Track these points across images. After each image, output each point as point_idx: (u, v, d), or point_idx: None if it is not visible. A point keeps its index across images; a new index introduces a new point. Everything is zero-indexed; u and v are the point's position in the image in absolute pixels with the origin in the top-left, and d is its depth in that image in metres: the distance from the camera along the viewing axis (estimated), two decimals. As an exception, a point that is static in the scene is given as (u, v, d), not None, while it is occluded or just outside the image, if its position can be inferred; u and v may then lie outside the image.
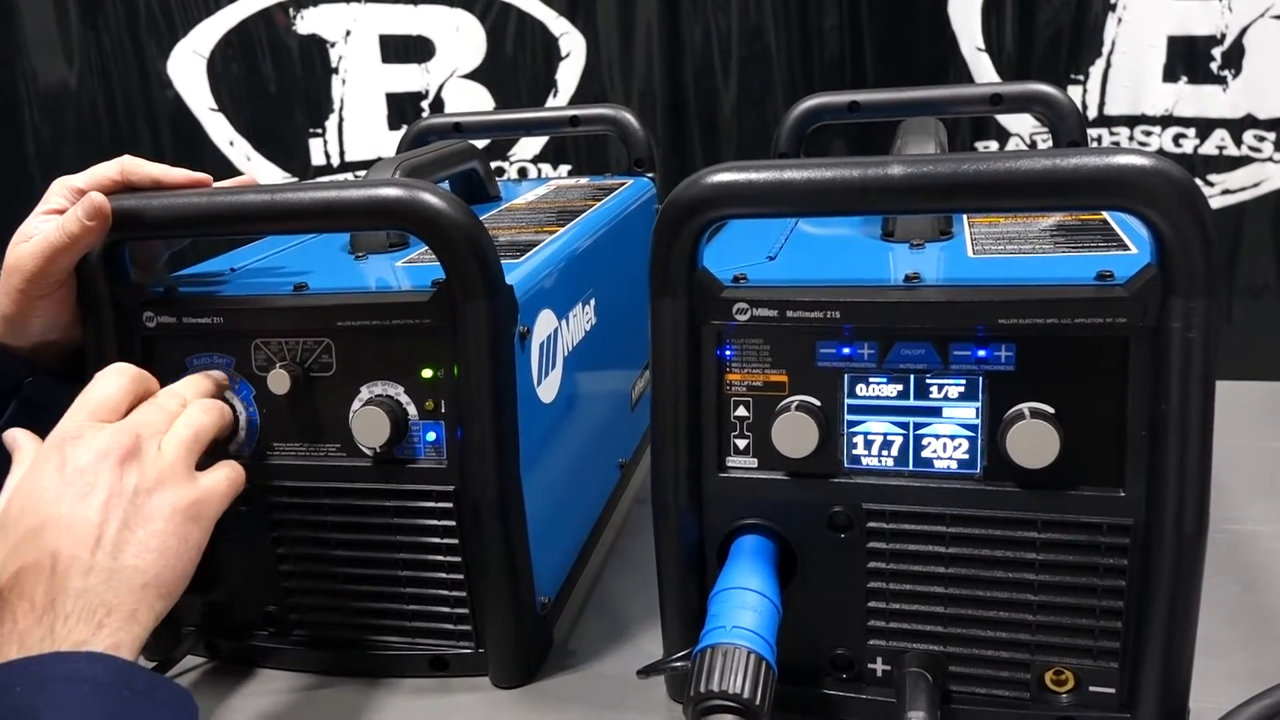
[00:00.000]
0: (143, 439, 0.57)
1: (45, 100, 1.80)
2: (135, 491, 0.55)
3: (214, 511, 0.59)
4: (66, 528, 0.53)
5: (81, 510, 0.53)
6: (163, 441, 0.58)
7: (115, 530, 0.53)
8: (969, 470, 0.57)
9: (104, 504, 0.54)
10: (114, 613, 0.51)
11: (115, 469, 0.55)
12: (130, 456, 0.56)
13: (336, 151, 1.83)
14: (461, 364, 0.63)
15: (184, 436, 0.59)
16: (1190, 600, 0.55)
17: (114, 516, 0.54)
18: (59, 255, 0.64)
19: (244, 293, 0.69)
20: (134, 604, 0.52)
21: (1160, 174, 0.49)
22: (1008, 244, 0.65)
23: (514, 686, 0.68)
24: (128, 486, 0.55)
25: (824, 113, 0.97)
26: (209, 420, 0.62)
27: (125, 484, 0.55)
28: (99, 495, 0.54)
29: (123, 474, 0.55)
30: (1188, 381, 0.52)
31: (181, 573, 0.55)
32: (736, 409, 0.60)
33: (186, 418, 0.61)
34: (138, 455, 0.56)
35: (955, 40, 1.62)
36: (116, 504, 0.54)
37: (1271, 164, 1.58)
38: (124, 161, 0.69)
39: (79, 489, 0.54)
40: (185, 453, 0.59)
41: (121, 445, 0.56)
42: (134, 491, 0.55)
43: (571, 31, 1.74)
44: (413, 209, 0.61)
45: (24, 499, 0.55)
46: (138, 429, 0.58)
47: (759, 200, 0.55)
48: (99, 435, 0.56)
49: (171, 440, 0.59)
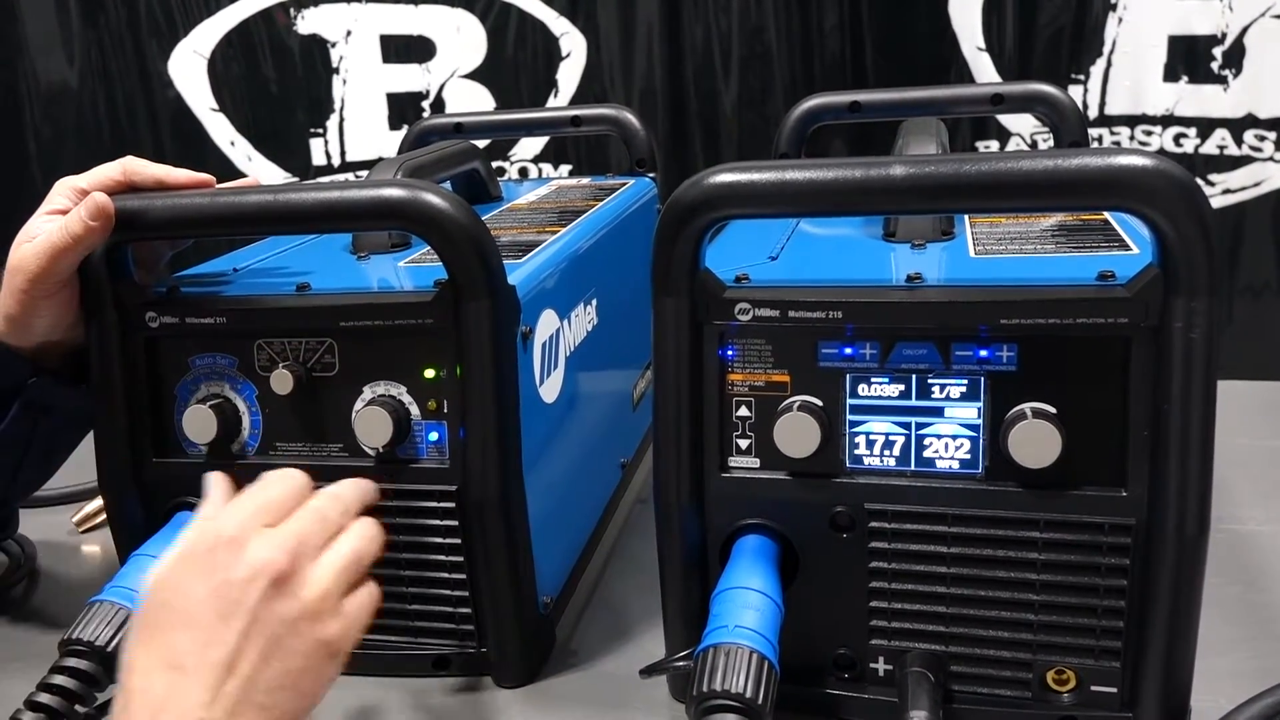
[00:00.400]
0: (300, 561, 0.51)
1: (46, 100, 1.80)
2: (280, 622, 0.49)
3: (352, 645, 0.53)
4: (203, 646, 0.48)
5: (222, 632, 0.48)
6: (320, 565, 0.52)
7: (252, 663, 0.48)
8: (971, 470, 0.57)
9: (245, 630, 0.48)
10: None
11: (266, 593, 0.49)
12: (284, 581, 0.50)
13: (337, 152, 1.83)
14: (464, 364, 0.63)
15: (342, 565, 0.53)
16: (1192, 600, 0.55)
17: (253, 647, 0.48)
18: (62, 255, 0.64)
19: (247, 293, 0.69)
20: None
21: (1162, 174, 0.50)
22: (1009, 244, 0.65)
23: (517, 686, 0.68)
24: (274, 615, 0.49)
25: (825, 113, 0.97)
26: (369, 550, 0.55)
27: (272, 612, 0.49)
28: (242, 619, 0.48)
29: (273, 600, 0.49)
30: (1190, 381, 0.52)
31: (306, 709, 0.50)
32: (738, 409, 0.60)
33: (350, 541, 0.54)
34: (290, 582, 0.51)
35: (956, 40, 1.62)
36: (259, 633, 0.49)
37: (1272, 164, 1.58)
38: (126, 162, 0.69)
39: (224, 606, 0.49)
40: (340, 583, 0.53)
41: (277, 568, 0.50)
42: (279, 622, 0.49)
43: (572, 31, 1.74)
44: (415, 209, 0.61)
45: (170, 592, 0.50)
46: (298, 549, 0.52)
47: (761, 201, 0.55)
48: (258, 548, 0.51)
49: (328, 566, 0.52)
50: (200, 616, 0.49)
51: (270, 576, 0.50)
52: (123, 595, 0.63)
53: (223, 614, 0.49)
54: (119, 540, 0.71)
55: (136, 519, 0.70)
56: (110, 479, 0.70)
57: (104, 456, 0.70)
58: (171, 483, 0.69)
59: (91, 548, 0.92)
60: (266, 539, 0.51)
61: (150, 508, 0.70)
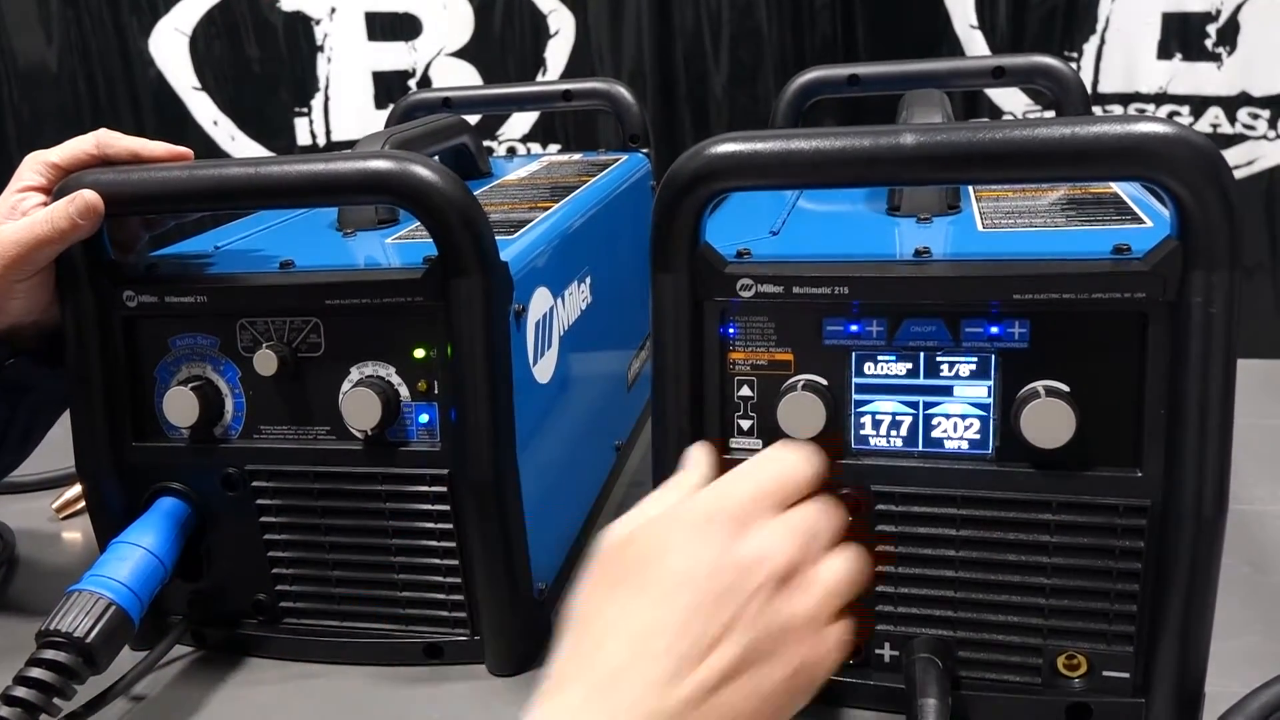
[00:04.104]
0: (806, 562, 0.46)
1: (24, 79, 1.77)
2: (768, 628, 0.43)
3: (821, 681, 0.46)
4: (683, 624, 0.42)
5: (707, 615, 0.42)
6: (824, 569, 0.47)
7: (728, 660, 0.42)
8: (981, 451, 0.56)
9: (732, 621, 0.43)
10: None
11: (765, 587, 0.44)
12: (787, 580, 0.45)
13: (322, 131, 1.80)
14: (455, 343, 0.61)
15: (836, 589, 0.47)
16: (1208, 583, 0.53)
17: (734, 643, 0.42)
18: (43, 246, 0.63)
19: (228, 270, 0.67)
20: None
21: (1183, 142, 0.48)
22: (1018, 218, 0.63)
23: (511, 675, 0.67)
24: (765, 618, 0.43)
25: (823, 86, 0.95)
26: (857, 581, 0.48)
27: (765, 614, 0.43)
28: (731, 608, 0.43)
29: (769, 600, 0.44)
30: (1208, 358, 0.51)
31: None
32: (740, 389, 0.58)
33: (847, 564, 0.48)
34: (793, 582, 0.45)
35: (949, 17, 1.61)
36: (745, 630, 0.43)
37: (1265, 142, 1.57)
38: (100, 135, 0.67)
39: (717, 588, 0.43)
40: (831, 606, 0.46)
41: (785, 561, 0.45)
42: (767, 627, 0.43)
43: (560, 9, 1.71)
44: (404, 182, 0.59)
45: (660, 552, 0.45)
46: (806, 545, 0.46)
47: (765, 171, 0.53)
48: (767, 536, 0.45)
49: (822, 585, 0.46)
50: (689, 591, 0.43)
51: (774, 569, 0.44)
52: (102, 584, 0.61)
53: (714, 596, 0.43)
54: (98, 527, 0.69)
55: (116, 505, 0.68)
56: (88, 464, 0.68)
57: (82, 441, 0.67)
58: (152, 467, 0.67)
59: (72, 534, 0.90)
60: (774, 527, 0.46)
61: (130, 493, 0.68)
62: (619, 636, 0.43)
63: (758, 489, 0.47)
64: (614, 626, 0.43)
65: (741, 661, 0.42)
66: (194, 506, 0.67)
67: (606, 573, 0.45)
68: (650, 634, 0.42)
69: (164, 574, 0.64)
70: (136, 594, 0.62)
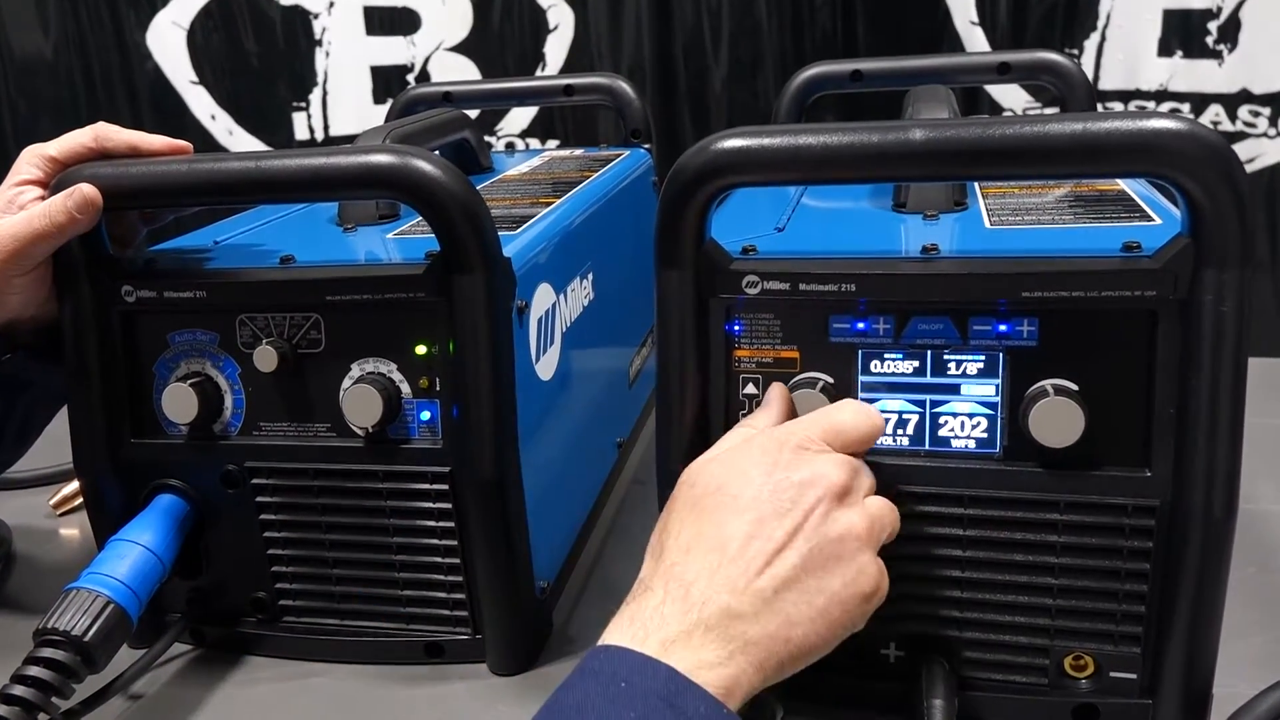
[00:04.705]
0: (858, 487, 0.51)
1: (21, 72, 1.76)
2: (825, 537, 0.48)
3: (874, 607, 0.50)
4: (750, 535, 0.47)
5: (772, 526, 0.48)
6: (873, 501, 0.52)
7: (791, 565, 0.47)
8: (988, 450, 0.55)
9: (795, 529, 0.48)
10: (746, 651, 0.45)
11: (823, 500, 0.49)
12: (842, 496, 0.50)
13: (320, 126, 1.80)
14: (457, 340, 0.61)
15: (881, 520, 0.51)
16: (1218, 584, 0.53)
17: (795, 550, 0.47)
18: (41, 242, 0.62)
19: (228, 265, 0.66)
20: (765, 654, 0.46)
21: (1196, 138, 0.47)
22: (1025, 215, 0.63)
23: (512, 673, 0.66)
24: (823, 529, 0.48)
25: (826, 82, 0.95)
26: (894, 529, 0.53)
27: (822, 526, 0.48)
28: (795, 518, 0.48)
29: (826, 514, 0.49)
30: (1219, 357, 0.50)
31: (819, 650, 0.48)
32: (745, 386, 0.58)
33: (889, 505, 0.52)
34: (848, 498, 0.50)
35: (949, 13, 1.60)
36: (807, 538, 0.48)
37: (1266, 140, 1.57)
38: (98, 128, 0.67)
39: (781, 503, 0.48)
40: (877, 536, 0.51)
41: (840, 480, 0.50)
42: (825, 536, 0.48)
43: (559, 4, 1.71)
44: (406, 176, 0.59)
45: (728, 477, 0.50)
46: (858, 473, 0.51)
47: (772, 167, 0.53)
48: (824, 461, 0.50)
49: (869, 513, 0.51)
50: (755, 506, 0.49)
51: (830, 486, 0.49)
52: (100, 582, 0.60)
53: (778, 509, 0.48)
54: (96, 524, 0.68)
55: (114, 502, 0.67)
56: (87, 461, 0.67)
57: (80, 438, 0.67)
58: (150, 464, 0.67)
59: (70, 531, 0.89)
60: (830, 455, 0.51)
61: (129, 490, 0.67)
62: (695, 549, 0.48)
63: (819, 429, 0.52)
64: (691, 542, 0.48)
65: (802, 570, 0.47)
66: (193, 504, 0.67)
67: (686, 499, 0.51)
68: (722, 545, 0.48)
69: (163, 572, 0.64)
70: (135, 592, 0.61)
